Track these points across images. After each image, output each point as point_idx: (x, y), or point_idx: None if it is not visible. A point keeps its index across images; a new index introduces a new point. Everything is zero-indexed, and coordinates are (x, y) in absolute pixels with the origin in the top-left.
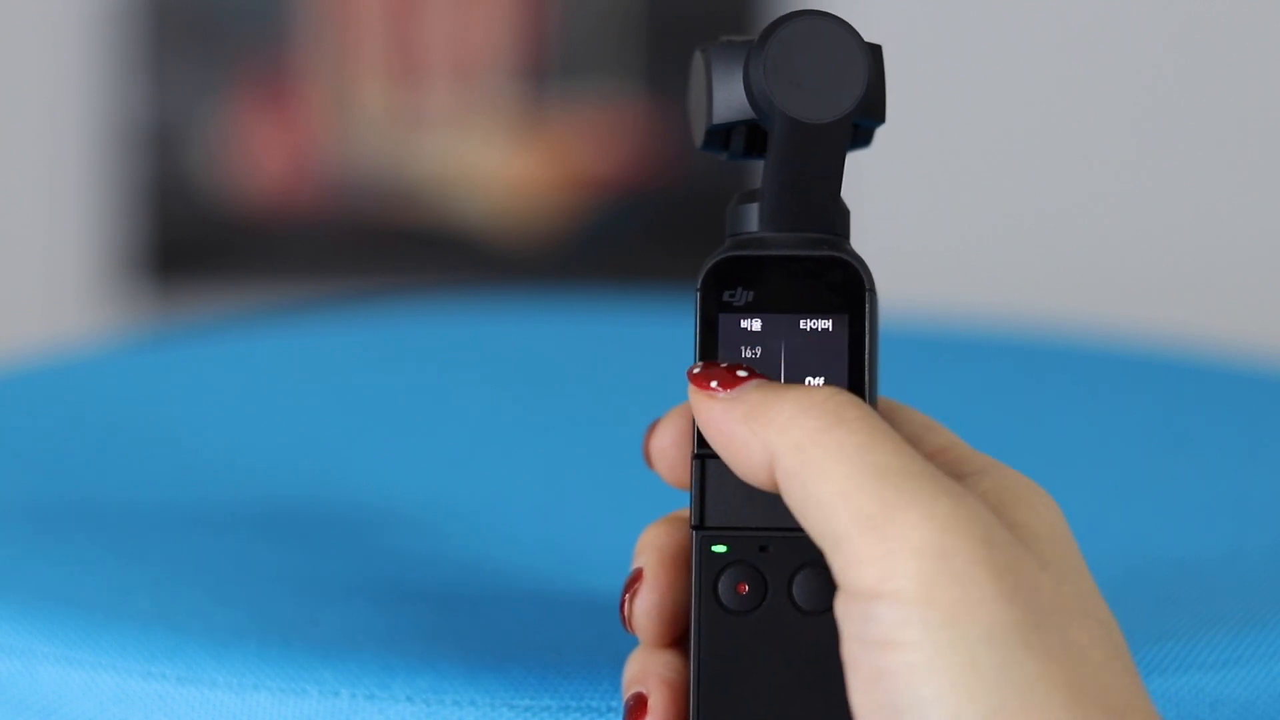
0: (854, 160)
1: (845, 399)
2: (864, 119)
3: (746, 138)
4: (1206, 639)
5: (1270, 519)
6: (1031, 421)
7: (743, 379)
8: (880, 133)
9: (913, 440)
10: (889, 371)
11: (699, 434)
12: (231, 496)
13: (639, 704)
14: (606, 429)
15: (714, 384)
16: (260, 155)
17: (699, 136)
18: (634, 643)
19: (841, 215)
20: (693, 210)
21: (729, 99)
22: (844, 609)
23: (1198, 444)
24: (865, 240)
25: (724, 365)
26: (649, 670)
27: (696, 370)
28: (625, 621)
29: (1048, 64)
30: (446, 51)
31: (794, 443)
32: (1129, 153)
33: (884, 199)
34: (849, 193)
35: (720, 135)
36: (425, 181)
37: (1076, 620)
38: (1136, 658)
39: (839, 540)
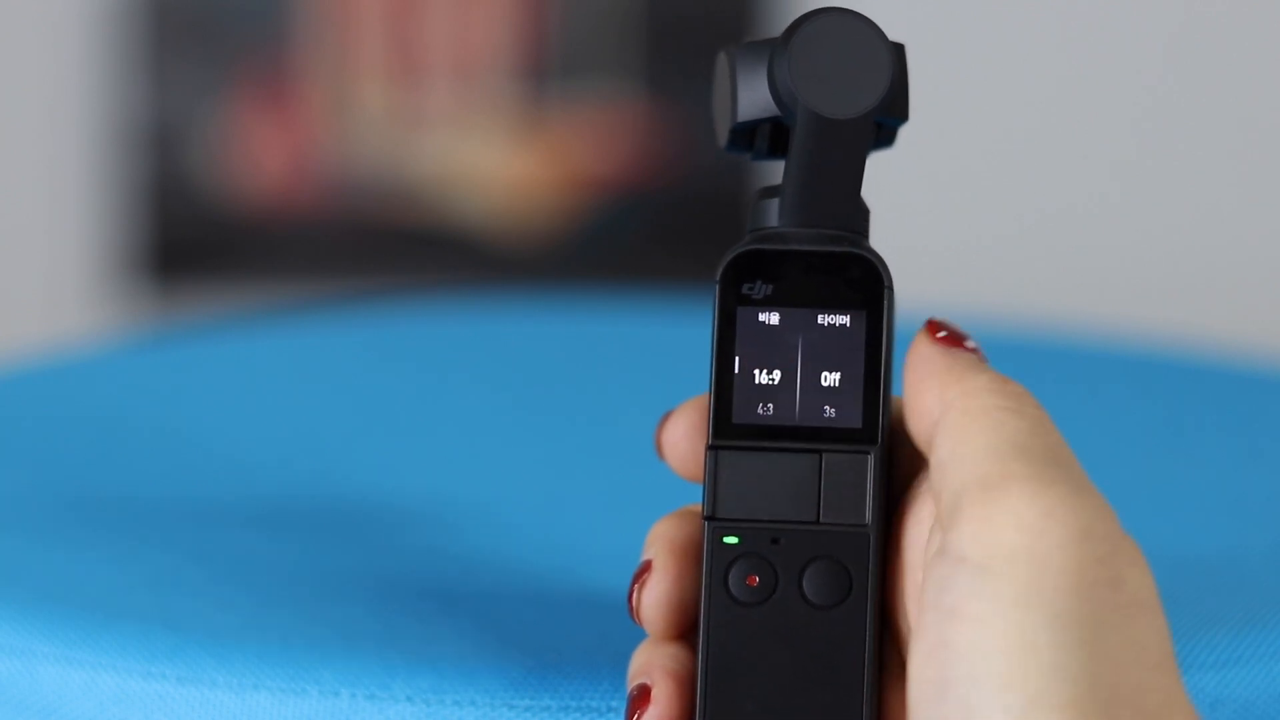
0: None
1: (1032, 398)
2: (887, 117)
3: (770, 137)
4: (1206, 639)
5: (1270, 519)
6: None
7: (965, 346)
8: None
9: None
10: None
11: (714, 425)
12: (231, 497)
13: (643, 695)
14: (606, 429)
15: (941, 334)
16: (260, 155)
17: (723, 136)
18: (635, 641)
19: (861, 213)
20: (693, 210)
21: (753, 97)
22: (932, 572)
23: (1198, 444)
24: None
25: (959, 327)
26: (654, 662)
27: (939, 318)
28: (633, 612)
29: (1049, 64)
30: (446, 51)
31: (966, 408)
32: (1129, 153)
33: (885, 199)
34: None
35: (744, 134)
36: (425, 181)
37: (1149, 616)
38: None
39: (958, 497)
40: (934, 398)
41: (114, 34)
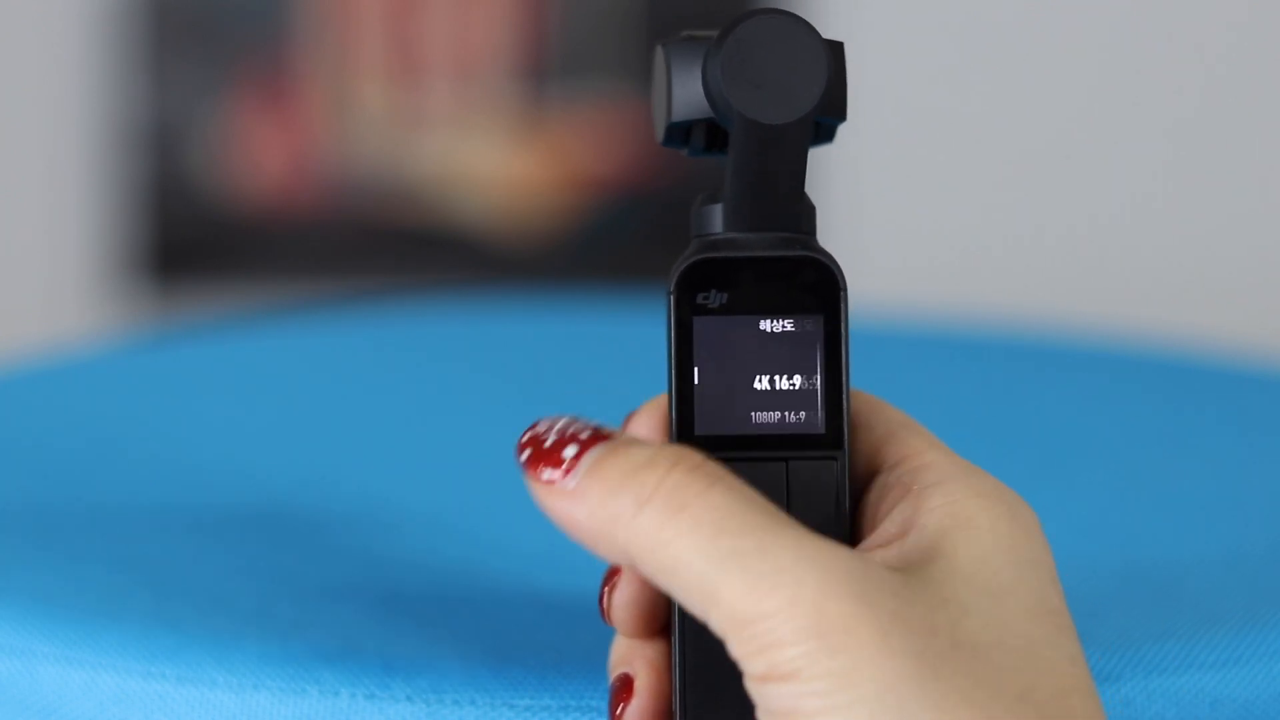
0: (860, 160)
1: (681, 470)
2: (825, 117)
3: (707, 135)
4: (1206, 639)
5: (1270, 519)
6: (1031, 421)
7: (573, 457)
8: (885, 131)
9: (883, 440)
10: (890, 371)
11: (677, 439)
12: (231, 497)
13: (625, 686)
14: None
15: (545, 474)
16: (260, 155)
17: (660, 133)
18: None
19: (807, 212)
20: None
21: (689, 97)
22: (747, 686)
23: (1198, 444)
24: (866, 239)
25: (547, 442)
26: (635, 651)
27: (523, 458)
28: (604, 614)
29: (1051, 64)
30: (446, 51)
31: (646, 546)
32: (1129, 152)
33: (886, 199)
34: (853, 192)
35: (681, 132)
36: (425, 181)
37: (984, 652)
38: (1137, 657)
39: (725, 636)
40: (608, 552)
41: (114, 34)
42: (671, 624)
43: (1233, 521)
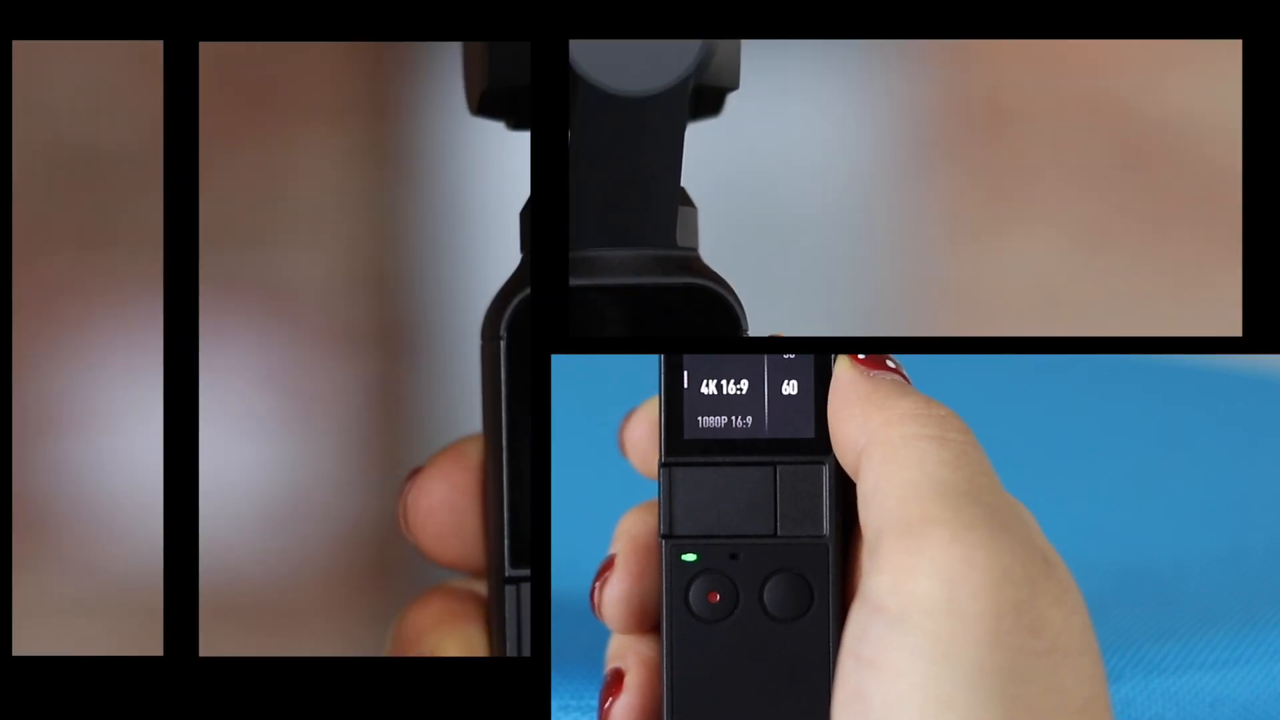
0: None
1: (957, 421)
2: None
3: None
4: (1206, 639)
5: (1270, 519)
6: (1032, 421)
7: (887, 367)
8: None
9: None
10: None
11: (666, 441)
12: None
13: (616, 680)
14: (607, 429)
15: (861, 356)
16: None
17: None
18: None
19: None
20: None
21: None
22: (852, 616)
23: (1198, 444)
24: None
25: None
26: (630, 647)
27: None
28: (595, 609)
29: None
30: None
31: (888, 439)
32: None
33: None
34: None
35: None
36: None
37: (1074, 659)
38: (1137, 657)
39: (879, 538)
40: (857, 427)
41: None
42: (661, 623)
43: (1233, 521)
